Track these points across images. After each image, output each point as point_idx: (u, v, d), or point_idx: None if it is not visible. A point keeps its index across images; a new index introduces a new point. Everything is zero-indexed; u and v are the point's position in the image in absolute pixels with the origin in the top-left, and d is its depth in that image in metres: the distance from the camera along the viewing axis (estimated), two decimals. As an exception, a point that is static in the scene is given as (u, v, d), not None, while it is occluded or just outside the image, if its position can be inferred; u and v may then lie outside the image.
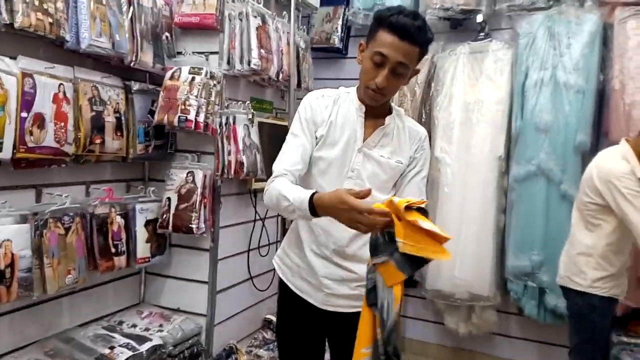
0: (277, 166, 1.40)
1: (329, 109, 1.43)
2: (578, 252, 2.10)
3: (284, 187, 1.31)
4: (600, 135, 2.67)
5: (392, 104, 1.50)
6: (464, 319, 3.02)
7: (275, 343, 1.64)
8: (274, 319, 2.55)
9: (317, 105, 1.44)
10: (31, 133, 1.62)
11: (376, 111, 1.43)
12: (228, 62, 2.18)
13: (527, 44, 2.74)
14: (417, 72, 1.41)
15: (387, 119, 1.43)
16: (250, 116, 2.34)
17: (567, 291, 2.17)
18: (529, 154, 2.66)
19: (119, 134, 1.96)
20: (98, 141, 1.87)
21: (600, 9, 2.66)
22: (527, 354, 3.02)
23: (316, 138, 1.43)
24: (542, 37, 2.72)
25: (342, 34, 3.25)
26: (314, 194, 1.22)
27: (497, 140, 2.77)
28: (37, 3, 1.56)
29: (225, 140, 2.19)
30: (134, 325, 2.10)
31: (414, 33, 1.29)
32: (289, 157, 1.40)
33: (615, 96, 2.56)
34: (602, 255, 2.04)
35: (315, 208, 1.20)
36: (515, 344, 3.08)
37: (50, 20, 1.61)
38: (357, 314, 1.46)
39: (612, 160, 2.07)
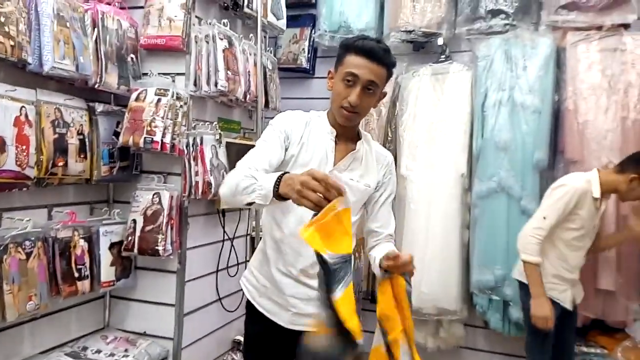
0: (241, 163, 1.38)
1: (301, 129, 1.47)
2: None
3: (252, 172, 1.28)
4: (556, 153, 2.79)
5: (360, 129, 1.55)
6: (432, 334, 3.07)
7: (244, 366, 1.64)
8: (242, 339, 2.53)
9: (292, 122, 1.47)
10: (-9, 157, 1.59)
11: (346, 135, 1.48)
12: (195, 84, 2.20)
13: (485, 66, 2.86)
14: (384, 95, 1.48)
15: (358, 144, 1.49)
16: (217, 137, 2.35)
17: (518, 284, 2.39)
18: (489, 172, 2.75)
19: (82, 156, 1.94)
20: (61, 164, 1.84)
21: (553, 33, 2.80)
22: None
23: (285, 154, 1.45)
24: (500, 60, 2.84)
25: (309, 55, 3.30)
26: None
27: (460, 158, 2.86)
28: (-2, 26, 1.55)
29: (192, 161, 2.19)
30: (99, 351, 2.05)
31: (381, 55, 1.37)
32: (256, 158, 1.39)
33: (569, 116, 2.69)
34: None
35: (281, 183, 1.16)
36: (481, 356, 3.14)
37: (12, 43, 1.60)
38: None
39: (573, 178, 2.32)
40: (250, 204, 1.23)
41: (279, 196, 1.16)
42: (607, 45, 2.68)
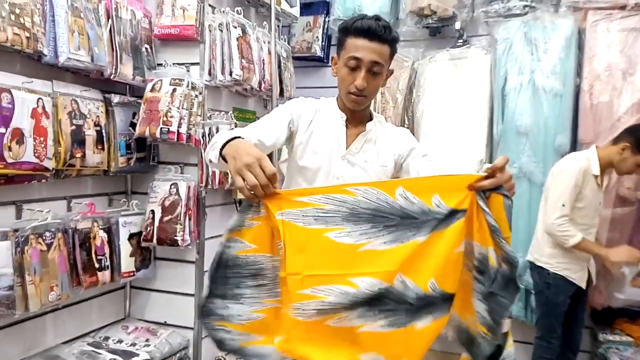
0: (244, 130, 1.35)
1: (311, 115, 1.45)
2: (542, 231, 2.35)
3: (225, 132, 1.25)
4: (577, 137, 2.72)
5: (373, 111, 1.52)
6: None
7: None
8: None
9: (302, 107, 1.46)
10: (10, 149, 1.59)
11: (357, 118, 1.45)
12: (209, 73, 2.18)
13: (505, 49, 2.79)
14: (391, 72, 1.45)
15: (369, 125, 1.46)
16: (233, 126, 2.34)
17: (530, 266, 2.44)
18: (511, 157, 2.66)
19: (99, 147, 1.94)
20: (79, 155, 1.84)
21: (574, 14, 2.73)
22: (520, 357, 3.04)
23: (291, 139, 1.43)
24: (519, 43, 2.77)
25: (323, 43, 3.27)
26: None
27: (479, 144, 2.81)
28: (13, 18, 1.55)
29: (208, 151, 2.18)
30: (120, 341, 2.07)
31: (381, 33, 1.33)
32: (251, 129, 1.36)
33: (584, 97, 2.63)
34: None
35: (229, 143, 1.12)
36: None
37: (27, 34, 1.60)
38: None
39: (573, 158, 2.35)
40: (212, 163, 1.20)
41: (223, 157, 1.12)
42: (628, 24, 2.59)
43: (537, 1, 2.81)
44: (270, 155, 2.20)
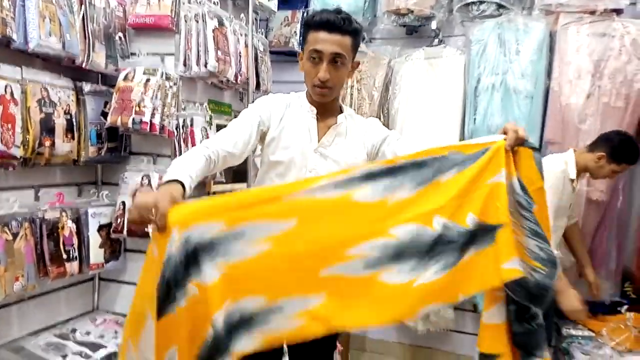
0: (204, 141, 1.41)
1: (281, 111, 1.47)
2: None
3: (203, 152, 1.30)
4: (542, 138, 2.80)
5: (343, 105, 1.54)
6: (423, 318, 3.09)
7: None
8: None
9: (271, 105, 1.47)
10: (-25, 135, 1.56)
11: (327, 111, 1.47)
12: (184, 64, 2.16)
13: (479, 50, 2.84)
14: (357, 64, 1.48)
15: (339, 118, 1.48)
16: (208, 118, 2.32)
17: None
18: (481, 156, 2.75)
19: (69, 136, 1.91)
20: (48, 143, 1.81)
21: (546, 17, 2.79)
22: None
23: (264, 138, 1.46)
24: (493, 44, 2.82)
25: (301, 38, 3.27)
26: (182, 183, 1.19)
27: (451, 142, 2.85)
28: (-20, 1, 1.51)
29: (182, 143, 2.16)
30: (88, 333, 2.04)
31: (340, 24, 1.36)
32: (221, 138, 1.39)
33: (554, 97, 2.70)
34: None
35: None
36: (470, 340, 3.17)
37: (-5, 18, 1.56)
38: None
39: (552, 161, 2.33)
40: None
41: None
42: (597, 29, 2.67)
43: (510, 3, 2.87)
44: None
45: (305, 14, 3.25)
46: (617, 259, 2.71)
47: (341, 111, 1.52)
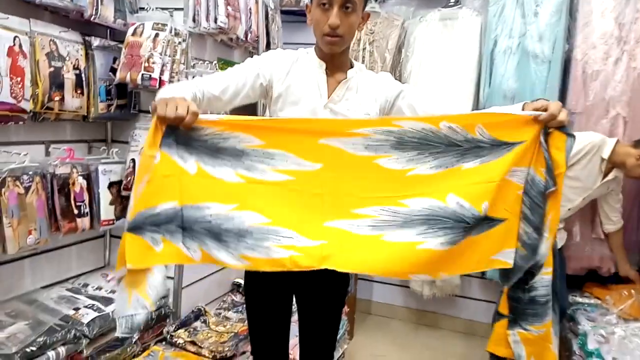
0: (198, 78, 1.41)
1: (287, 67, 1.42)
2: None
3: (173, 86, 1.34)
4: (563, 105, 2.73)
5: (353, 59, 1.50)
6: (428, 283, 3.11)
7: (244, 305, 1.66)
8: (242, 282, 2.56)
9: (277, 60, 1.43)
10: (-15, 87, 1.54)
11: (337, 65, 1.43)
12: (193, 20, 2.11)
13: (496, 11, 2.77)
14: (367, 16, 1.43)
15: (350, 72, 1.44)
16: (217, 77, 2.29)
17: None
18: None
19: (79, 91, 1.89)
20: (57, 98, 1.80)
21: (568, -22, 2.69)
22: (488, 315, 3.14)
23: (267, 94, 1.43)
24: (511, 5, 2.74)
25: None
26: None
27: (465, 107, 2.80)
28: (-14, -53, 1.47)
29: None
30: (99, 288, 2.08)
31: None
32: (212, 80, 1.38)
33: (577, 66, 2.63)
34: None
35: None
36: (476, 305, 3.20)
37: (1, -34, 1.52)
38: (323, 270, 1.49)
39: (590, 133, 2.34)
40: None
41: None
42: (622, -10, 2.57)
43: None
44: (254, 107, 2.18)
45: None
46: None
47: (351, 66, 1.48)
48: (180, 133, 1.17)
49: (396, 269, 1.23)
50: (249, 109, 1.49)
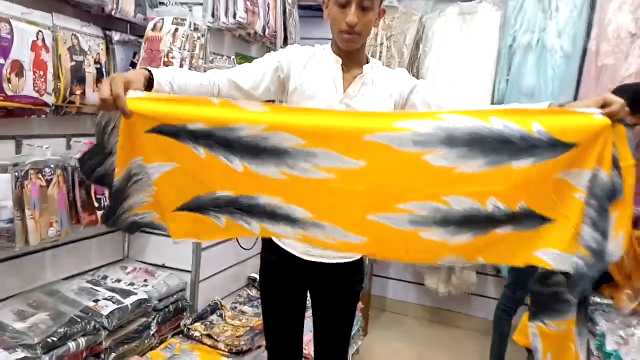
0: (222, 70, 1.40)
1: (304, 61, 1.43)
2: None
3: (177, 71, 1.33)
4: (575, 97, 2.69)
5: (369, 55, 1.50)
6: (444, 280, 3.10)
7: (260, 300, 1.67)
8: (257, 277, 2.58)
9: (295, 54, 1.44)
10: (9, 81, 1.56)
11: (353, 61, 1.43)
12: (213, 15, 2.12)
13: (516, 6, 2.73)
14: (383, 12, 1.43)
15: (365, 68, 1.44)
16: (235, 72, 2.30)
17: None
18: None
19: (100, 86, 1.91)
20: (79, 92, 1.82)
21: (590, -29, 2.65)
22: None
23: (284, 88, 1.44)
24: (531, 0, 2.70)
25: None
26: (151, 75, 1.18)
27: (484, 103, 2.78)
28: (11, -58, 1.49)
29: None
30: (119, 280, 2.11)
31: None
32: (239, 71, 1.39)
33: (590, 57, 2.59)
34: None
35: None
36: (492, 304, 3.17)
37: (26, -39, 1.54)
38: (338, 265, 1.49)
39: None
40: None
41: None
42: (644, -15, 2.53)
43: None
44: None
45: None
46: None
47: (367, 62, 1.47)
48: (220, 134, 1.15)
49: (425, 258, 1.30)
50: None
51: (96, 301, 1.88)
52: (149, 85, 1.18)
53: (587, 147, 1.12)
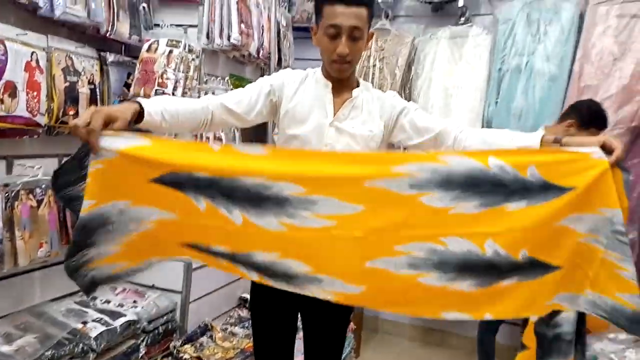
0: (215, 96, 1.44)
1: (295, 85, 1.45)
2: None
3: (168, 99, 1.39)
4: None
5: (361, 79, 1.52)
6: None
7: (250, 321, 1.66)
8: (249, 297, 2.56)
9: (286, 78, 1.46)
10: (2, 102, 1.56)
11: (343, 85, 1.45)
12: (207, 36, 2.15)
13: (506, 30, 2.78)
14: (371, 35, 1.44)
15: (355, 92, 1.45)
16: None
17: None
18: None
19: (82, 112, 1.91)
20: (72, 112, 1.82)
21: (576, -3, 2.72)
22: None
23: (276, 111, 1.45)
24: (521, 24, 2.76)
25: (314, 11, 3.21)
26: (142, 107, 1.20)
27: (474, 126, 2.81)
28: (8, -35, 1.51)
29: (203, 117, 2.16)
30: (108, 301, 2.08)
31: None
32: (230, 96, 1.42)
33: (574, 79, 2.64)
34: None
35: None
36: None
37: (22, -16, 1.56)
38: None
39: None
40: None
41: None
42: (628, 10, 2.59)
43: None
44: (264, 126, 2.20)
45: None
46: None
47: (357, 84, 1.49)
48: (223, 184, 1.16)
49: (428, 311, 1.25)
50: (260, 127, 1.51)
51: (84, 323, 1.85)
52: (140, 116, 1.19)
53: (586, 190, 1.11)
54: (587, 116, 2.21)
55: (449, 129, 1.40)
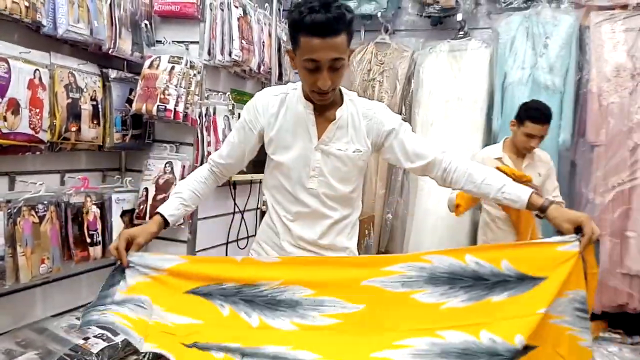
0: (213, 154, 1.53)
1: (274, 109, 1.39)
2: None
3: (179, 187, 1.47)
4: (574, 135, 2.75)
5: (343, 89, 1.43)
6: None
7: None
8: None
9: (259, 106, 1.41)
10: (5, 119, 1.58)
11: (326, 105, 1.37)
12: (209, 53, 2.17)
13: (507, 44, 2.80)
14: (351, 52, 1.38)
15: (338, 112, 1.38)
16: (230, 107, 2.33)
17: None
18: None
19: (95, 122, 1.93)
20: (74, 129, 1.83)
21: (576, 11, 2.74)
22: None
23: (263, 138, 1.43)
24: (521, 38, 2.78)
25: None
26: (164, 217, 1.37)
27: (474, 137, 2.82)
28: (12, -15, 1.53)
29: (205, 131, 2.18)
30: (109, 317, 2.07)
31: (333, 26, 1.21)
32: (222, 150, 1.50)
33: (593, 99, 2.65)
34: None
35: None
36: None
37: (26, 3, 1.58)
38: None
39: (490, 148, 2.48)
40: None
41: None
42: (632, 24, 2.62)
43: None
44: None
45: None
46: None
47: (341, 98, 1.41)
48: (246, 291, 1.30)
49: None
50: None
51: (86, 339, 1.85)
52: (166, 222, 1.38)
53: (555, 278, 1.21)
54: (522, 112, 2.28)
55: (439, 159, 1.38)
